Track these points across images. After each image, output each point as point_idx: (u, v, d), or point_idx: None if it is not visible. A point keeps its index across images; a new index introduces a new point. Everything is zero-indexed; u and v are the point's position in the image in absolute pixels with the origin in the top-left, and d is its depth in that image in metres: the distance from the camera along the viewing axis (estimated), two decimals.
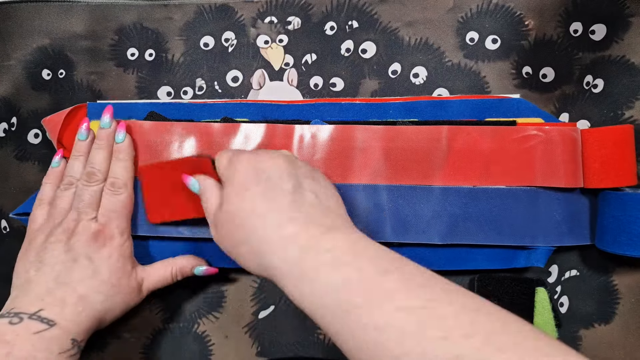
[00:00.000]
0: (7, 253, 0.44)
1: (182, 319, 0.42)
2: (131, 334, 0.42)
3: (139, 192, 0.39)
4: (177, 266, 0.39)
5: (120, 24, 0.44)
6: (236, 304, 0.42)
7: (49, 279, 0.34)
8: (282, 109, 0.41)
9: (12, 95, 0.44)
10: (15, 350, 0.30)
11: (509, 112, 0.40)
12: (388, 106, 0.41)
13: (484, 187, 0.38)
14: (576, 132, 0.38)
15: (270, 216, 0.29)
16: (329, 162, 0.39)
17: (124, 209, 0.38)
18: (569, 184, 0.38)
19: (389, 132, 0.39)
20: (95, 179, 0.38)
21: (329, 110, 0.41)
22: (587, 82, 0.41)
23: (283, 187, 0.30)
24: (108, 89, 0.44)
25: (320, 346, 0.41)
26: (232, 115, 0.41)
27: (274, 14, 0.43)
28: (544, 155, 0.38)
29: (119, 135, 0.39)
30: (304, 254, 0.27)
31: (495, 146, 0.38)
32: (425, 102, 0.41)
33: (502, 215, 0.38)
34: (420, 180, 0.38)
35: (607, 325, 0.39)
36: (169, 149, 0.40)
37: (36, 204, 0.39)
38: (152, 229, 0.40)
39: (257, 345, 0.41)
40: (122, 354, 0.41)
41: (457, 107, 0.40)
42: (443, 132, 0.38)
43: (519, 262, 0.38)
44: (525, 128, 0.38)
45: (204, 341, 0.41)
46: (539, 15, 0.40)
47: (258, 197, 0.30)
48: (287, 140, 0.39)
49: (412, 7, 0.42)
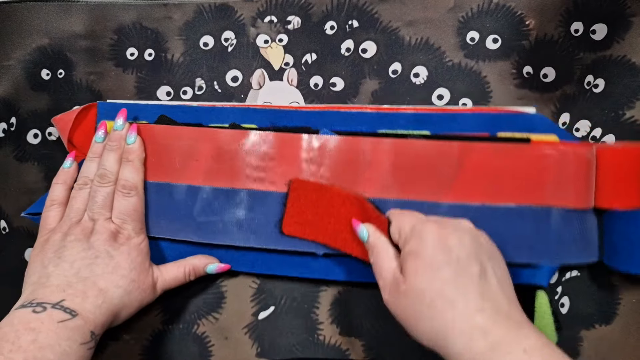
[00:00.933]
0: (7, 253, 0.44)
1: (181, 320, 0.42)
2: (130, 336, 0.41)
3: (148, 193, 0.40)
4: (190, 266, 0.39)
5: (120, 24, 0.44)
6: (236, 305, 0.41)
7: (69, 274, 0.35)
8: (290, 116, 0.41)
9: (11, 95, 0.44)
10: (40, 337, 0.30)
11: (523, 127, 0.38)
12: (398, 116, 0.40)
13: (492, 205, 0.37)
14: (591, 153, 0.37)
15: (459, 303, 0.29)
16: (337, 174, 0.38)
17: (136, 211, 0.38)
18: (580, 205, 0.37)
19: (399, 145, 0.38)
20: (107, 180, 0.38)
21: (337, 118, 0.40)
22: (588, 82, 0.40)
23: (471, 272, 0.30)
24: (107, 89, 0.44)
25: (321, 347, 0.40)
26: (240, 121, 0.41)
27: (274, 13, 0.43)
28: (556, 175, 0.37)
29: (130, 137, 0.39)
30: (493, 350, 0.28)
31: (507, 164, 0.37)
32: (437, 114, 0.39)
33: (508, 234, 0.37)
34: (428, 196, 0.38)
35: (607, 326, 0.39)
36: (177, 153, 0.40)
37: (47, 205, 0.39)
38: (162, 231, 0.40)
39: (257, 346, 0.41)
40: (122, 355, 0.41)
41: (469, 121, 0.39)
42: (454, 148, 0.37)
43: (522, 279, 0.38)
44: (539, 147, 0.37)
45: (203, 342, 0.41)
46: (539, 15, 0.40)
47: (449, 281, 0.30)
48: (295, 150, 0.39)
49: (412, 7, 0.42)
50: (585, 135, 0.40)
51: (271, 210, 0.39)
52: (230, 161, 0.39)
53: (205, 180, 0.40)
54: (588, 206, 0.37)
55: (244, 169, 0.39)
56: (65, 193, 0.40)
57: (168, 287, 0.39)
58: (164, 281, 0.39)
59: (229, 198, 0.39)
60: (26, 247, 0.44)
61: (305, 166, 0.39)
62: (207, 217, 0.39)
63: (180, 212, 0.40)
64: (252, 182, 0.39)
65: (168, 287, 0.39)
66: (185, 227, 0.40)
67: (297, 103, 0.43)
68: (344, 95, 0.43)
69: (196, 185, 0.40)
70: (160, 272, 0.39)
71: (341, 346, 0.40)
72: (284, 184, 0.39)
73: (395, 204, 0.38)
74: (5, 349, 0.29)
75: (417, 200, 0.38)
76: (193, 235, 0.40)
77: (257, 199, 0.39)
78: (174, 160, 0.40)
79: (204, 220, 0.40)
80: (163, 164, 0.40)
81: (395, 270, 0.32)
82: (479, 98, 0.41)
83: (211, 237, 0.40)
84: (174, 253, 0.41)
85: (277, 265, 0.40)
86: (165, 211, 0.40)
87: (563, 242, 0.37)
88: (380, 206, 0.38)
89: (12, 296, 0.35)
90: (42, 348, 0.30)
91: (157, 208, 0.40)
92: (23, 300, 0.34)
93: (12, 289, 0.39)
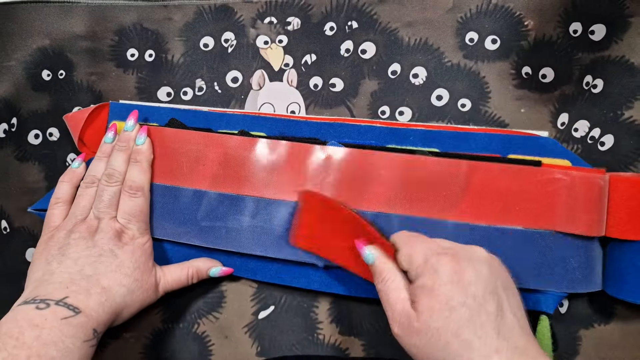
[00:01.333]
0: (8, 253, 0.44)
1: (182, 319, 0.42)
2: (131, 334, 0.42)
3: (155, 195, 0.40)
4: (194, 268, 0.39)
5: (120, 25, 0.44)
6: (236, 304, 0.42)
7: (72, 271, 0.35)
8: (299, 126, 0.41)
9: (12, 95, 0.44)
10: (44, 333, 0.30)
11: (535, 150, 0.38)
12: (408, 132, 0.39)
13: (499, 226, 0.37)
14: (603, 179, 0.36)
15: (476, 344, 0.29)
16: (343, 186, 0.38)
17: (141, 212, 0.38)
18: (590, 233, 0.36)
19: (407, 161, 0.38)
20: (114, 180, 0.38)
21: (347, 131, 0.40)
22: (586, 82, 0.40)
23: (488, 310, 0.29)
24: (108, 90, 0.45)
25: (320, 346, 0.41)
26: (250, 129, 0.41)
27: (274, 14, 0.43)
28: (566, 201, 0.36)
29: (139, 138, 0.40)
30: None
31: (516, 186, 0.36)
32: (448, 132, 0.39)
33: (514, 258, 0.36)
34: (435, 214, 0.37)
35: (606, 325, 0.39)
36: (185, 157, 0.40)
37: (52, 202, 0.39)
38: (166, 233, 0.40)
39: (257, 346, 0.41)
40: (122, 354, 0.41)
41: (480, 141, 0.38)
42: (462, 167, 0.37)
43: (527, 304, 0.37)
44: (551, 170, 0.36)
45: (203, 341, 0.41)
46: (538, 15, 0.40)
47: (465, 322, 0.29)
48: (302, 160, 0.39)
49: (411, 8, 0.42)
50: (584, 135, 0.40)
51: (275, 218, 0.39)
52: (237, 167, 0.39)
53: (211, 185, 0.40)
54: (598, 234, 0.36)
55: (250, 176, 0.39)
56: (71, 192, 0.40)
57: (170, 288, 0.39)
58: (167, 283, 0.39)
59: (233, 204, 0.39)
60: (27, 247, 0.44)
61: (312, 176, 0.38)
62: (211, 222, 0.40)
63: (185, 216, 0.40)
64: (257, 190, 0.39)
65: (170, 289, 0.39)
66: (189, 230, 0.40)
67: (297, 104, 0.43)
68: (344, 96, 0.43)
69: (202, 190, 0.40)
70: (164, 273, 0.39)
71: (341, 345, 0.41)
72: (290, 192, 0.39)
73: (401, 219, 0.37)
74: (9, 345, 0.29)
75: (422, 217, 0.37)
76: (196, 239, 0.40)
77: (262, 207, 0.39)
78: (182, 163, 0.40)
79: (208, 225, 0.40)
80: (171, 166, 0.40)
81: (406, 303, 0.31)
82: (477, 98, 0.42)
83: (214, 242, 0.40)
84: (177, 255, 0.41)
85: (278, 274, 0.40)
86: (170, 214, 0.40)
87: (570, 269, 0.36)
88: (385, 221, 0.37)
89: (13, 296, 0.35)
90: (46, 344, 0.30)
91: (163, 210, 0.40)
92: (25, 297, 0.33)
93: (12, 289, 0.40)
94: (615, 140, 0.39)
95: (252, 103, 0.44)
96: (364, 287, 0.39)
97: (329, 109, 0.43)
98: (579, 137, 0.40)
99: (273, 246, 0.39)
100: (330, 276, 0.40)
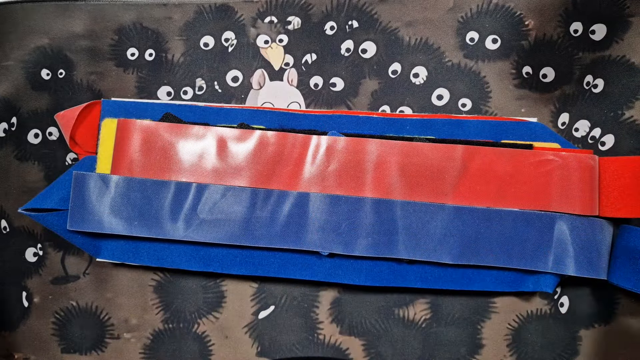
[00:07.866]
0: (8, 253, 0.44)
1: (181, 319, 0.42)
2: (131, 334, 0.42)
3: (153, 191, 0.39)
4: None
5: (120, 24, 0.44)
6: (236, 304, 0.42)
7: None
8: (299, 119, 0.41)
9: (12, 95, 0.44)
10: None
11: (526, 135, 0.40)
12: (405, 122, 0.41)
13: (497, 208, 0.37)
14: (593, 159, 0.37)
15: None
16: (343, 174, 0.39)
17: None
18: (585, 211, 0.37)
19: (405, 147, 0.38)
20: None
21: (346, 122, 0.41)
22: (587, 82, 0.41)
23: None
24: (108, 89, 0.45)
25: (321, 346, 0.41)
26: (249, 122, 0.41)
27: (274, 13, 0.43)
28: (560, 181, 0.37)
29: None
30: None
31: (511, 169, 0.38)
32: (443, 120, 0.40)
33: (513, 239, 0.37)
34: (433, 198, 0.38)
35: (607, 325, 0.39)
36: (183, 152, 0.40)
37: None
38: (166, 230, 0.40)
39: (257, 346, 0.41)
40: (122, 354, 0.41)
41: (474, 127, 0.40)
42: (459, 151, 0.38)
43: (527, 285, 0.38)
44: (542, 152, 0.38)
45: (203, 341, 0.41)
46: (539, 15, 0.40)
47: None
48: (302, 150, 0.39)
49: (412, 7, 0.42)
50: (584, 135, 0.40)
51: (278, 209, 0.39)
52: (236, 160, 0.39)
53: (211, 178, 0.40)
54: (593, 212, 0.37)
55: (250, 168, 0.39)
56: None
57: None
58: None
59: (234, 197, 0.39)
60: (27, 247, 0.44)
61: (313, 165, 0.39)
62: (212, 215, 0.39)
63: (185, 211, 0.40)
64: (258, 181, 0.39)
65: None
66: (189, 225, 0.40)
67: (297, 103, 0.43)
68: (344, 95, 0.43)
69: (202, 184, 0.40)
70: None
71: (341, 345, 0.41)
72: (291, 183, 0.39)
73: (401, 204, 0.38)
74: None
75: (422, 201, 0.38)
76: (197, 234, 0.40)
77: (263, 198, 0.39)
78: (180, 158, 0.40)
79: (208, 219, 0.40)
80: (168, 161, 0.40)
81: None
82: (478, 98, 0.42)
83: (215, 237, 0.40)
84: (176, 252, 0.41)
85: (280, 268, 0.40)
86: (170, 209, 0.40)
87: (569, 251, 0.37)
88: (387, 207, 0.38)
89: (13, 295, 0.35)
90: None
91: (159, 206, 0.40)
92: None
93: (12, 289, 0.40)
94: (616, 140, 0.40)
95: (253, 102, 0.44)
96: (369, 276, 0.39)
97: (330, 109, 0.43)
98: (579, 137, 0.41)
99: (277, 237, 0.39)
100: (335, 265, 0.40)
